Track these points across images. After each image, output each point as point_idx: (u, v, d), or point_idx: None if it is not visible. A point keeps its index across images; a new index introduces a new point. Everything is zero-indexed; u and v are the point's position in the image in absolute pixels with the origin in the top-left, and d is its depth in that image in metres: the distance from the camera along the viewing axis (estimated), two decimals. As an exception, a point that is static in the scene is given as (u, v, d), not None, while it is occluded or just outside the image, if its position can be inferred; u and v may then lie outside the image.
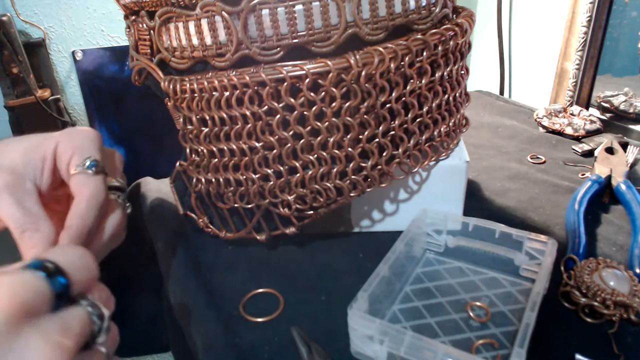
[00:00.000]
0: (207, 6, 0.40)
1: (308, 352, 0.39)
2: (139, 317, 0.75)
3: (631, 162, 0.65)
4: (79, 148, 0.35)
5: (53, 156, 0.35)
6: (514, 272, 0.47)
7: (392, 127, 0.44)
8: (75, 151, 0.35)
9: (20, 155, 0.35)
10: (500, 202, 0.60)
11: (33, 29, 0.93)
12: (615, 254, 0.50)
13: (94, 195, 0.34)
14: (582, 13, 0.85)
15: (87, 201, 0.34)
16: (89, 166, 0.35)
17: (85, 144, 0.36)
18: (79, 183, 0.34)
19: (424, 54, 0.43)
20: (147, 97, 1.01)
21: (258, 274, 0.50)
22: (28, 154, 0.35)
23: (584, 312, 0.42)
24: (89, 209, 0.34)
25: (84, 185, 0.34)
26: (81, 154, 0.35)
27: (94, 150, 0.36)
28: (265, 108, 0.42)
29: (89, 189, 0.34)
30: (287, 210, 0.47)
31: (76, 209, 0.33)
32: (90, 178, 0.34)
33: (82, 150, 0.35)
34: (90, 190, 0.34)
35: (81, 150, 0.35)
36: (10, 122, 0.92)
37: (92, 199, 0.34)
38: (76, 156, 0.35)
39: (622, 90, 0.84)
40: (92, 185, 0.34)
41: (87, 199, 0.34)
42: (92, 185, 0.34)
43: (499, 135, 0.81)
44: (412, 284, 0.47)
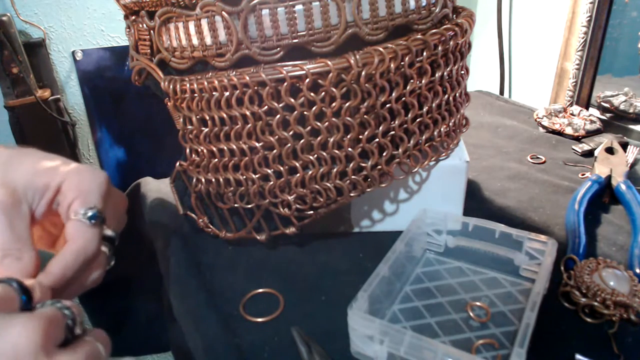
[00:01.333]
0: (207, 6, 0.40)
1: (308, 352, 0.39)
2: (139, 317, 0.75)
3: (631, 162, 0.65)
4: (85, 192, 0.34)
5: (56, 189, 0.34)
6: (514, 272, 0.47)
7: (392, 127, 0.44)
8: (79, 194, 0.34)
9: (25, 177, 0.34)
10: (500, 202, 0.60)
11: (33, 29, 0.93)
12: (615, 254, 0.50)
13: (84, 249, 0.33)
14: (582, 13, 0.85)
15: (74, 253, 0.33)
16: (90, 217, 0.33)
17: (93, 189, 0.34)
18: (74, 230, 0.33)
19: (424, 54, 0.43)
20: (147, 97, 1.01)
21: (258, 274, 0.50)
22: (33, 178, 0.34)
23: (584, 312, 0.42)
24: (75, 261, 0.33)
25: (78, 235, 0.33)
26: (85, 200, 0.34)
27: (98, 198, 0.34)
28: (265, 108, 0.42)
29: (81, 241, 0.33)
30: (287, 210, 0.47)
31: (62, 258, 0.32)
32: (87, 230, 0.33)
33: (87, 196, 0.34)
34: (82, 242, 0.33)
35: (86, 196, 0.34)
36: (10, 122, 0.91)
37: (80, 252, 0.33)
38: (79, 200, 0.34)
39: (622, 90, 0.84)
40: (86, 238, 0.33)
41: (75, 251, 0.33)
42: (86, 238, 0.33)
43: (499, 135, 0.81)
44: (412, 284, 0.47)
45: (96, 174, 0.35)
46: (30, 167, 0.34)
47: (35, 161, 0.35)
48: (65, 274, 0.32)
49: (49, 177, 0.34)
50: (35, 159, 0.35)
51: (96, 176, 0.35)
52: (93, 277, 0.36)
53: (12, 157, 0.35)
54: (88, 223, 0.33)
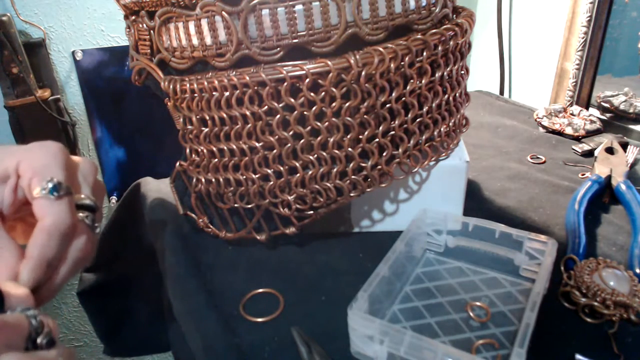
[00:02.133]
0: (207, 6, 0.40)
1: (308, 352, 0.39)
2: (139, 317, 0.75)
3: (631, 162, 0.65)
4: (40, 168, 0.32)
5: (16, 174, 0.33)
6: (514, 272, 0.47)
7: (392, 127, 0.44)
8: (36, 172, 0.32)
9: None
10: (500, 202, 0.60)
11: (33, 29, 0.93)
12: (615, 254, 0.50)
13: (55, 223, 0.31)
14: (582, 13, 0.85)
15: (46, 230, 0.31)
16: (51, 190, 0.32)
17: (48, 162, 0.33)
18: (40, 209, 0.32)
19: (424, 54, 0.43)
20: (147, 97, 1.01)
21: (258, 274, 0.50)
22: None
23: (584, 312, 0.42)
24: (50, 238, 0.31)
25: (46, 212, 0.31)
26: (42, 175, 0.32)
27: (56, 169, 0.33)
28: (265, 108, 0.42)
29: (50, 217, 0.31)
30: (287, 210, 0.47)
31: (35, 239, 0.31)
32: (53, 204, 0.31)
33: (44, 171, 0.32)
34: (52, 218, 0.31)
35: (42, 171, 0.32)
36: (10, 122, 0.92)
37: (53, 228, 0.31)
38: (36, 177, 0.32)
39: (622, 90, 0.84)
40: (54, 212, 0.31)
41: (48, 227, 0.31)
42: (54, 212, 0.31)
43: (499, 135, 0.81)
44: (412, 284, 0.47)
45: (48, 146, 0.34)
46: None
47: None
48: (44, 253, 0.31)
49: (3, 165, 0.33)
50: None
51: (48, 148, 0.33)
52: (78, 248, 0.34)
53: None
54: (51, 197, 0.32)
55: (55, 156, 0.33)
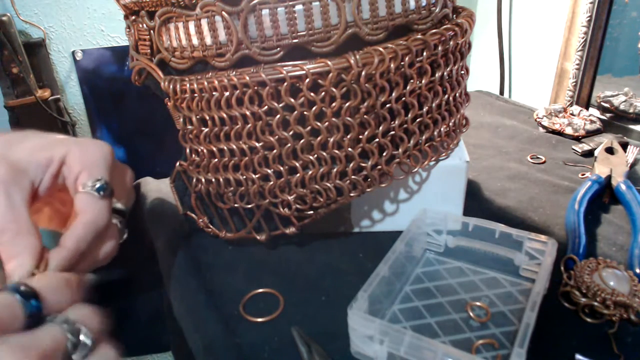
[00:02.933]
0: (207, 6, 0.40)
1: (308, 352, 0.39)
2: (139, 317, 0.75)
3: (631, 162, 0.65)
4: (90, 164, 0.34)
5: (60, 162, 0.34)
6: (514, 272, 0.47)
7: (392, 127, 0.44)
8: (85, 167, 0.33)
9: (27, 152, 0.33)
10: (500, 202, 0.60)
11: (33, 29, 0.93)
12: (615, 254, 0.50)
13: (95, 220, 0.33)
14: (582, 13, 0.85)
15: (86, 225, 0.32)
16: (98, 189, 0.33)
17: (98, 161, 0.34)
18: (83, 203, 0.33)
19: (424, 54, 0.43)
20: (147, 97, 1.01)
21: (258, 274, 0.50)
22: (34, 152, 0.33)
23: (584, 312, 0.42)
24: (87, 233, 0.32)
25: (88, 207, 0.33)
26: (92, 172, 0.33)
27: (105, 169, 0.34)
28: (265, 108, 0.42)
29: (91, 213, 0.33)
30: (287, 210, 0.47)
31: (74, 231, 0.32)
32: (96, 201, 0.33)
33: (93, 168, 0.34)
34: (93, 214, 0.33)
35: (92, 168, 0.34)
36: (10, 122, 0.92)
37: (92, 225, 0.32)
38: (86, 172, 0.33)
39: (622, 90, 0.84)
40: (96, 210, 0.33)
41: (87, 223, 0.32)
42: (96, 210, 0.33)
43: (499, 135, 0.81)
44: (412, 284, 0.47)
45: (100, 145, 0.35)
46: (32, 143, 0.34)
47: (37, 138, 0.35)
48: (78, 246, 0.32)
49: (51, 150, 0.34)
50: (36, 136, 0.35)
51: (101, 148, 0.35)
52: (106, 250, 0.35)
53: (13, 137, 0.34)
54: (97, 195, 0.33)
55: (105, 157, 0.35)
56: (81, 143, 0.35)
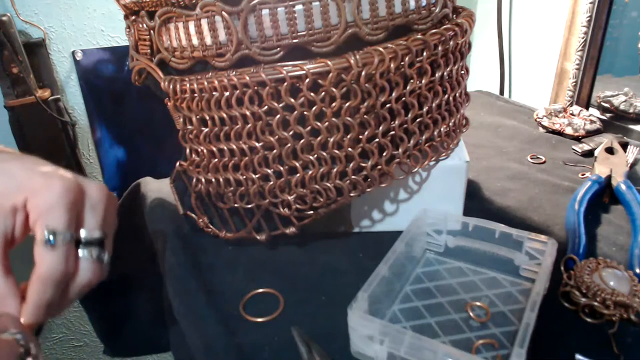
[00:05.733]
0: (207, 6, 0.40)
1: (308, 352, 0.39)
2: (139, 317, 0.75)
3: (631, 162, 0.65)
4: (44, 211, 0.32)
5: (24, 210, 0.33)
6: (514, 272, 0.47)
7: (392, 127, 0.44)
8: (39, 215, 0.32)
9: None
10: (500, 202, 0.60)
11: (33, 29, 0.93)
12: (615, 254, 0.50)
13: (48, 272, 0.32)
14: (582, 13, 0.85)
15: (40, 279, 0.32)
16: (46, 240, 0.32)
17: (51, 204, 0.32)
18: (37, 256, 0.32)
19: (424, 54, 0.43)
20: (147, 97, 1.01)
21: (258, 274, 0.50)
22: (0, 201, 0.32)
23: (584, 312, 0.42)
24: (45, 285, 0.32)
25: (40, 261, 0.32)
26: (46, 219, 0.32)
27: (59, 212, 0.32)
28: (265, 108, 0.42)
29: (44, 266, 0.32)
30: (287, 210, 0.47)
31: (32, 285, 0.32)
32: (48, 253, 0.32)
33: (48, 214, 0.32)
34: (45, 267, 0.32)
35: (47, 214, 0.32)
36: (10, 122, 0.92)
37: (46, 277, 0.32)
38: (39, 222, 0.32)
39: (622, 90, 0.84)
40: (48, 262, 0.32)
41: (41, 276, 0.32)
42: (48, 262, 0.32)
43: (499, 135, 0.81)
44: (412, 284, 0.47)
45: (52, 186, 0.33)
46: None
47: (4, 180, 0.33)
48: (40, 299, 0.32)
49: (13, 199, 0.33)
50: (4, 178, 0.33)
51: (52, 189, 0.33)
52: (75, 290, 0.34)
53: None
54: (47, 247, 0.32)
55: (59, 197, 0.33)
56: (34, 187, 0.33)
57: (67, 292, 0.34)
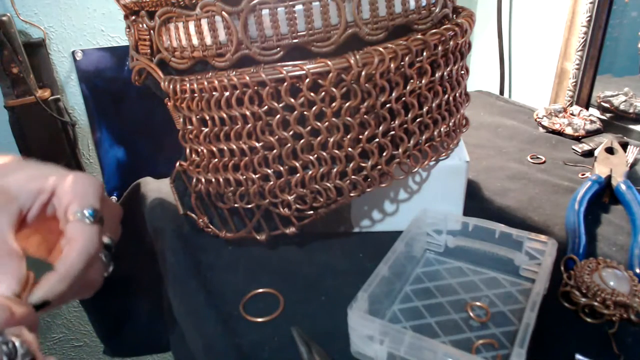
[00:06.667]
0: (207, 6, 0.40)
1: (308, 352, 0.39)
2: (139, 317, 0.75)
3: (631, 162, 0.65)
4: (81, 195, 0.35)
5: (51, 192, 0.35)
6: (514, 272, 0.47)
7: (392, 127, 0.45)
8: (76, 197, 0.34)
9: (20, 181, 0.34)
10: (500, 202, 0.60)
11: (33, 29, 0.93)
12: (615, 254, 0.50)
13: (86, 246, 0.33)
14: (582, 13, 0.85)
15: (78, 251, 0.33)
16: (88, 215, 0.34)
17: (88, 191, 0.35)
18: (74, 230, 0.34)
19: (424, 54, 0.43)
20: (147, 97, 1.01)
21: (258, 274, 0.50)
22: (27, 181, 0.35)
23: (584, 312, 0.42)
24: (79, 259, 0.33)
25: (79, 234, 0.33)
26: (82, 202, 0.34)
27: (94, 199, 0.35)
28: (265, 108, 0.42)
29: (82, 239, 0.33)
30: (287, 210, 0.47)
31: (67, 256, 0.33)
32: (87, 227, 0.34)
33: (84, 198, 0.35)
34: (83, 240, 0.33)
35: (82, 198, 0.35)
36: (10, 122, 0.91)
37: (83, 251, 0.33)
38: (76, 202, 0.34)
39: (622, 90, 0.84)
40: (86, 236, 0.34)
41: (79, 248, 0.33)
42: (86, 236, 0.34)
43: (499, 135, 0.81)
44: (412, 284, 0.47)
45: (91, 178, 0.36)
46: (26, 173, 0.35)
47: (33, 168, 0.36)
48: (71, 272, 0.32)
49: (43, 181, 0.35)
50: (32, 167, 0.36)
51: (92, 180, 0.36)
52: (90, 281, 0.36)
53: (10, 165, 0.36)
54: (87, 222, 0.34)
55: (96, 189, 0.36)
56: (72, 176, 0.36)
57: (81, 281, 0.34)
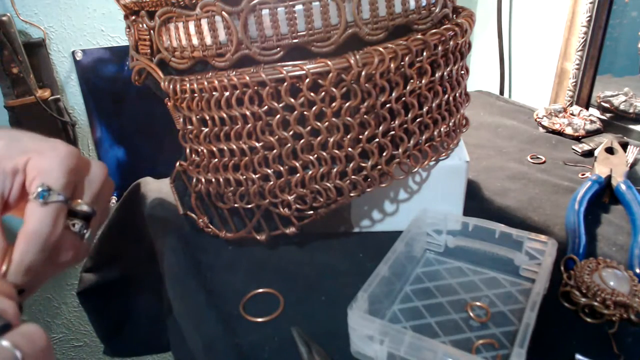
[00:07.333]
0: (207, 6, 0.40)
1: (308, 352, 0.39)
2: (139, 317, 0.75)
3: (631, 162, 0.65)
4: (43, 171, 0.32)
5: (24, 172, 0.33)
6: (514, 272, 0.47)
7: (392, 127, 0.45)
8: (38, 174, 0.32)
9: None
10: (500, 202, 0.60)
11: (33, 29, 0.93)
12: (615, 254, 0.50)
13: (35, 229, 0.31)
14: (582, 13, 0.85)
15: (28, 236, 0.31)
16: (40, 195, 0.31)
17: (52, 166, 0.32)
18: (27, 212, 0.31)
19: (424, 54, 0.43)
20: (147, 97, 1.01)
21: (258, 274, 0.50)
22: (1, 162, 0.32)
23: (584, 312, 0.42)
24: (29, 244, 0.31)
25: (30, 216, 0.31)
26: (42, 179, 0.32)
27: (58, 174, 0.32)
28: (265, 108, 0.42)
29: (32, 223, 0.31)
30: (287, 210, 0.47)
31: (18, 243, 0.31)
32: (38, 209, 0.31)
33: (46, 174, 0.32)
34: (33, 224, 0.31)
35: (44, 174, 0.32)
36: (10, 122, 0.91)
37: (33, 234, 0.31)
38: (36, 180, 0.32)
39: (622, 90, 0.84)
40: (37, 218, 0.31)
41: (28, 233, 0.31)
42: (37, 218, 0.31)
43: (499, 135, 0.81)
44: (412, 284, 0.47)
45: (56, 150, 0.33)
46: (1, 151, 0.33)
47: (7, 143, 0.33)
48: (23, 259, 0.30)
49: (15, 161, 0.32)
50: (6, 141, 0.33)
51: (57, 152, 0.33)
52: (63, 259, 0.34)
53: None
54: (39, 202, 0.31)
55: (61, 160, 0.33)
56: (40, 149, 0.33)
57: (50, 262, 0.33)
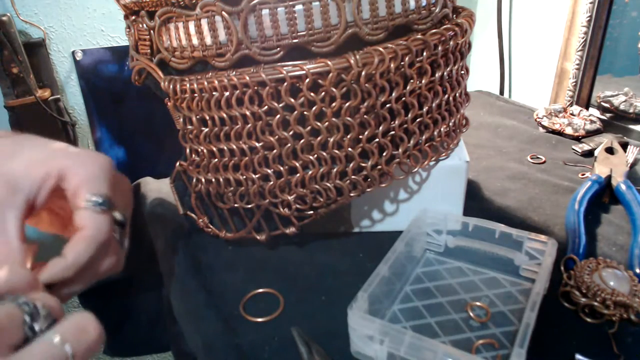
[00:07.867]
0: (207, 6, 0.40)
1: (308, 352, 0.39)
2: (139, 317, 0.75)
3: (631, 162, 0.65)
4: (91, 179, 0.33)
5: (57, 177, 0.33)
6: (514, 272, 0.47)
7: (392, 127, 0.45)
8: (85, 181, 0.33)
9: (22, 166, 0.33)
10: (500, 202, 0.60)
11: (33, 29, 0.93)
12: (615, 254, 0.50)
13: (95, 236, 0.33)
14: (582, 13, 0.85)
15: (87, 240, 0.32)
16: (99, 204, 0.33)
17: (97, 175, 0.34)
18: (84, 219, 0.33)
19: (424, 54, 0.43)
20: (147, 97, 1.01)
21: (258, 274, 0.50)
22: (31, 167, 0.33)
23: (584, 312, 0.42)
24: (88, 248, 0.32)
25: (89, 223, 0.33)
26: (91, 187, 0.33)
27: (104, 183, 0.34)
28: (265, 108, 0.42)
29: (92, 229, 0.33)
30: (287, 210, 0.47)
31: (75, 245, 0.32)
32: (97, 217, 0.33)
33: (94, 183, 0.33)
34: (93, 230, 0.33)
35: (93, 182, 0.33)
36: (10, 122, 0.91)
37: (92, 240, 0.32)
38: (86, 187, 0.33)
39: (622, 90, 0.84)
40: (96, 226, 0.33)
41: (87, 238, 0.32)
42: (96, 226, 0.33)
43: (499, 135, 0.81)
44: (412, 284, 0.47)
45: (99, 158, 0.35)
46: (28, 156, 0.33)
47: (34, 150, 0.34)
48: (78, 260, 0.32)
49: (47, 165, 0.33)
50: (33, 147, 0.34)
51: (99, 161, 0.35)
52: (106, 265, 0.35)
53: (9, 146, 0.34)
54: (97, 210, 0.33)
55: (105, 170, 0.34)
56: (79, 156, 0.34)
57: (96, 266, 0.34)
